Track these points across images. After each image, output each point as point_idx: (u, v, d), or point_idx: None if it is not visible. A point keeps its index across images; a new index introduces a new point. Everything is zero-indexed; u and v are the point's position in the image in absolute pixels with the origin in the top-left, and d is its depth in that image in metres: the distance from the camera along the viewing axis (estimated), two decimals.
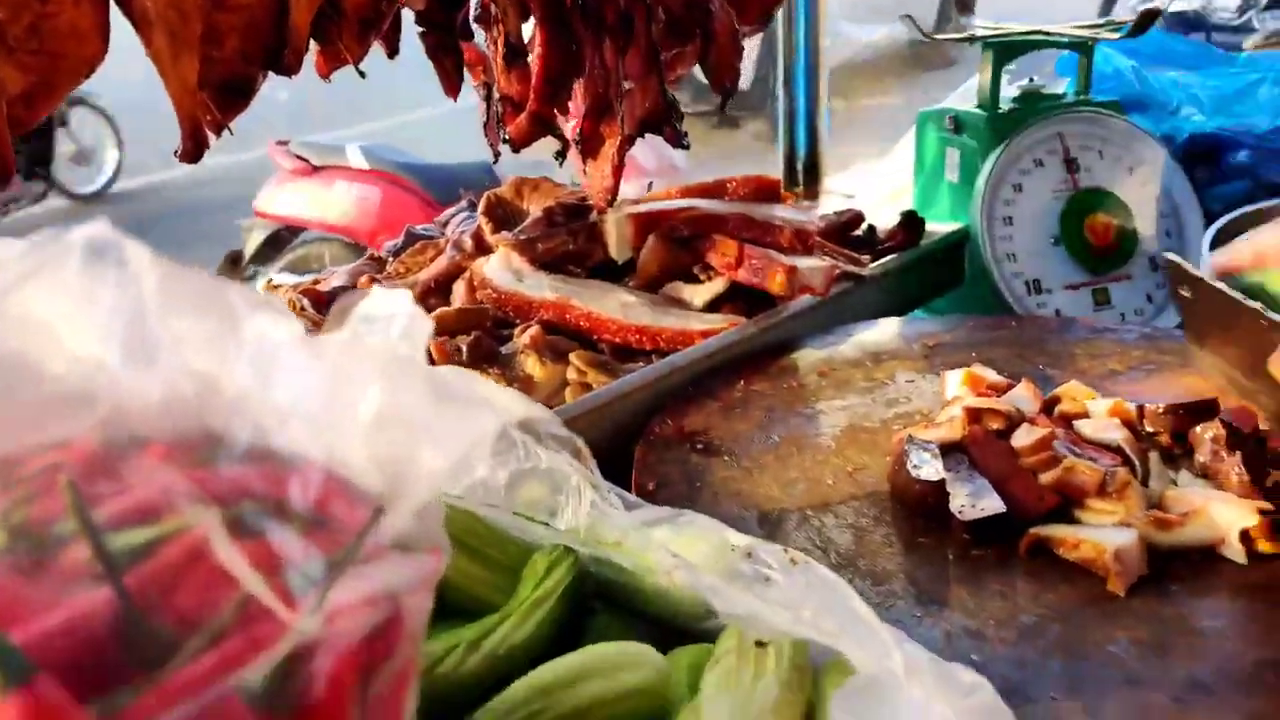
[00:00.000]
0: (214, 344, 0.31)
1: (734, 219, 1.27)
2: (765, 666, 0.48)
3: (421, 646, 0.35)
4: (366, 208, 4.62)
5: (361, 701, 0.30)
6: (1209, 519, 0.70)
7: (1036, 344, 1.12)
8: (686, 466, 0.89)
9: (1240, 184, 1.37)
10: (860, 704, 0.40)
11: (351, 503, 0.30)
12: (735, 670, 0.48)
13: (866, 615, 0.48)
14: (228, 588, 0.29)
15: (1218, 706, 0.57)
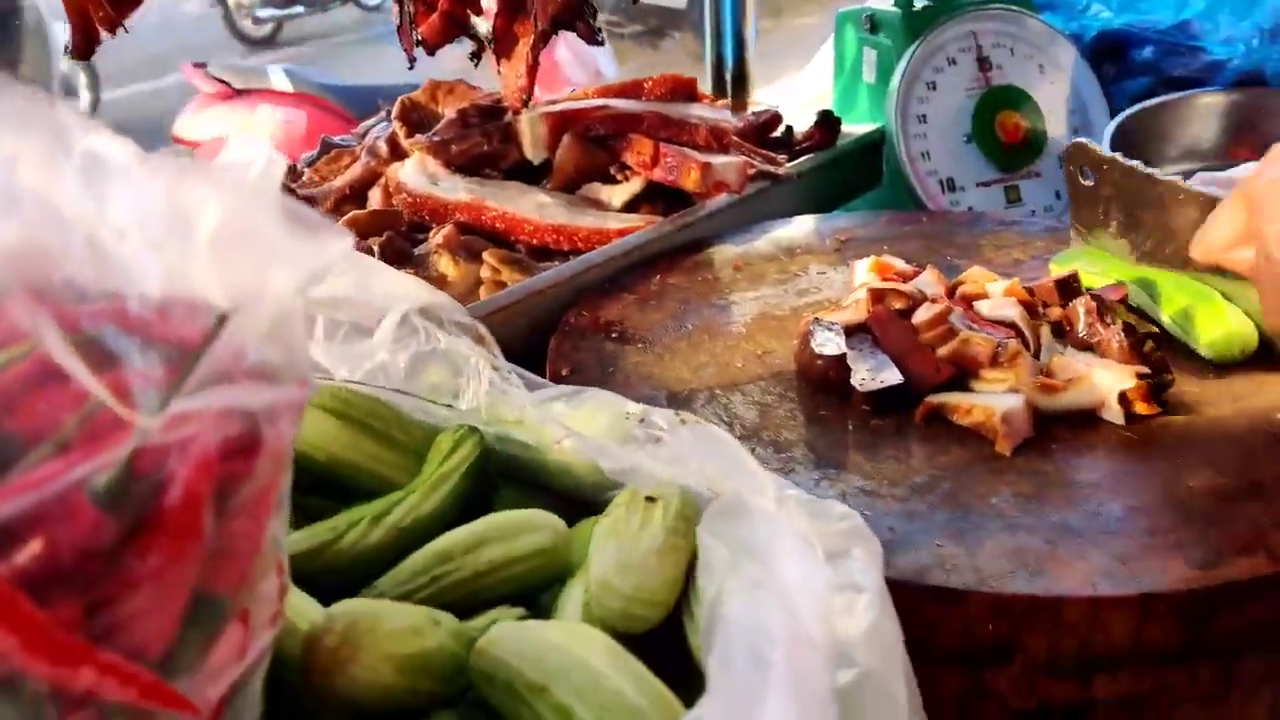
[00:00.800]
0: (45, 163, 0.31)
1: (649, 118, 1.26)
2: (653, 517, 0.49)
3: (288, 475, 0.36)
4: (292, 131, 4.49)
5: (217, 516, 0.31)
6: (1091, 384, 0.74)
7: (945, 237, 1.15)
8: (600, 354, 0.90)
9: (1144, 80, 1.39)
10: (723, 523, 0.42)
11: (194, 315, 0.31)
12: (624, 520, 0.50)
13: (747, 461, 0.50)
14: (74, 401, 0.29)
15: (1085, 546, 0.61)
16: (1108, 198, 0.89)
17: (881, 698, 0.36)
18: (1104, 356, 0.77)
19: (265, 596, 0.35)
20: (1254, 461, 0.68)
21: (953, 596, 0.58)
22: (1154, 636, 0.57)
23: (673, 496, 0.52)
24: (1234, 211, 0.66)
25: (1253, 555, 0.59)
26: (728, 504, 0.43)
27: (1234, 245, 0.67)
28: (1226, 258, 0.68)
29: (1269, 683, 0.61)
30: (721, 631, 0.34)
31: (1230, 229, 0.67)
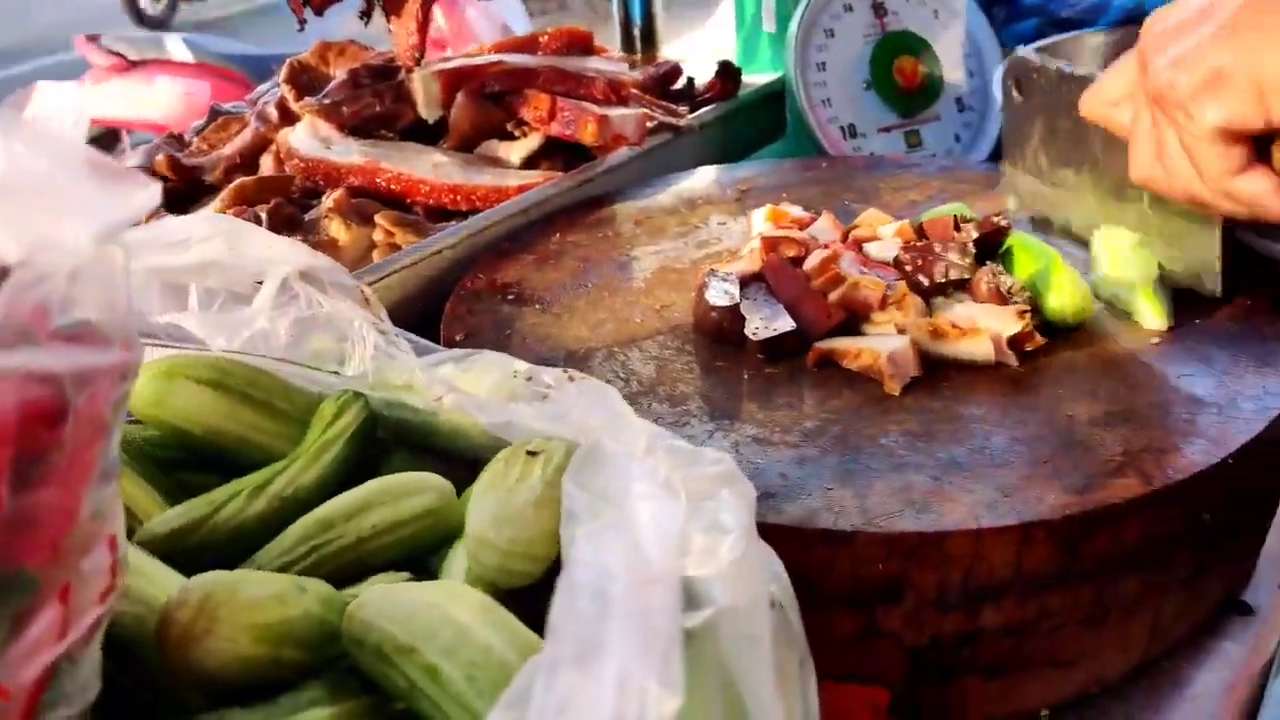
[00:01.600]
0: None
1: (545, 72, 1.24)
2: (532, 470, 0.49)
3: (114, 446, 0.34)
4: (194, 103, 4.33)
5: (18, 487, 0.30)
6: (982, 336, 0.74)
7: (844, 181, 1.15)
8: (496, 316, 0.89)
9: (1033, 21, 1.41)
10: (585, 472, 0.42)
11: None
12: (502, 474, 0.49)
13: (627, 414, 0.50)
14: None
15: (970, 479, 0.62)
16: (1033, 111, 0.90)
17: (740, 634, 0.36)
18: (975, 299, 0.78)
19: (91, 572, 0.33)
20: (1129, 388, 0.70)
21: (841, 538, 0.59)
22: (1033, 563, 0.59)
23: (555, 450, 0.51)
24: (1123, 68, 0.69)
25: (1125, 478, 0.61)
26: (589, 452, 0.43)
27: (1117, 100, 0.70)
28: (1109, 114, 0.71)
29: (1146, 601, 0.64)
30: (566, 573, 0.34)
31: (1117, 85, 0.70)
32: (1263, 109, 0.58)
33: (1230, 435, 0.63)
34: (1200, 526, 0.62)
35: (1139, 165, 0.69)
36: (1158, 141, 0.65)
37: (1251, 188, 0.62)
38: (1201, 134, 0.61)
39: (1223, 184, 0.62)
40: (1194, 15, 0.61)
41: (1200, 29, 0.60)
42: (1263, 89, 0.57)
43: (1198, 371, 0.70)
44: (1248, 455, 0.63)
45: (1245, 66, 0.57)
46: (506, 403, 0.58)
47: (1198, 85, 0.59)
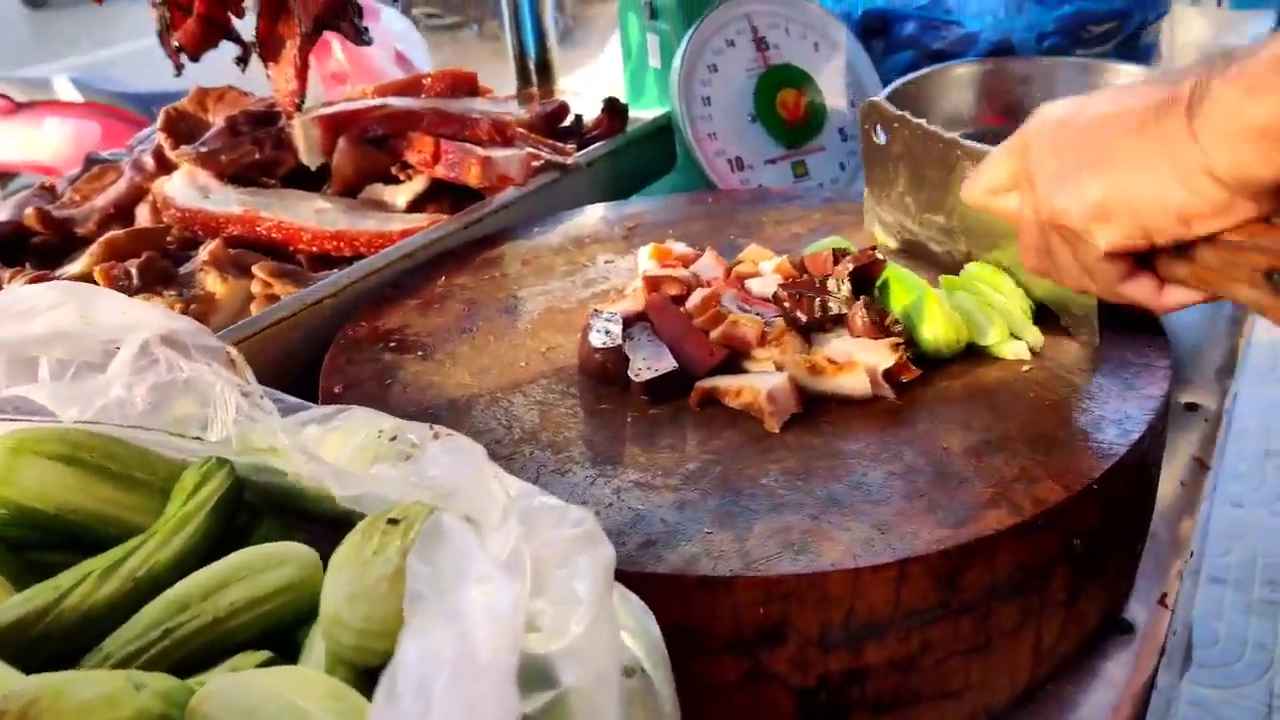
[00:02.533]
0: None
1: (428, 115, 1.23)
2: (390, 541, 0.47)
3: None
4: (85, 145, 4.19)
5: None
6: (859, 371, 0.74)
7: (730, 215, 1.16)
8: (377, 366, 0.87)
9: (908, 53, 1.45)
10: (428, 548, 0.40)
11: None
12: (359, 546, 0.48)
13: (489, 472, 0.49)
14: None
15: (848, 517, 0.62)
16: (897, 156, 0.92)
17: (589, 710, 0.36)
18: (852, 333, 0.79)
19: None
20: (1001, 417, 0.71)
21: (721, 584, 0.58)
22: (912, 599, 0.59)
23: (416, 518, 0.50)
24: (1004, 159, 0.72)
25: (996, 509, 0.62)
26: (431, 529, 0.42)
27: (1000, 190, 0.73)
28: (992, 202, 0.74)
29: (1026, 627, 0.64)
30: (389, 671, 0.33)
31: (998, 174, 0.72)
32: (1145, 235, 0.62)
33: (1095, 461, 0.65)
34: (1073, 551, 0.64)
35: (1030, 259, 0.72)
36: (1047, 245, 0.69)
37: (1139, 292, 0.67)
38: (1093, 255, 0.65)
39: (1112, 289, 0.67)
40: (1074, 140, 0.64)
41: (1081, 159, 0.63)
42: (1143, 220, 0.61)
43: (1064, 398, 0.72)
44: (1112, 479, 0.65)
45: (1126, 202, 0.61)
46: (368, 466, 0.56)
47: (1086, 216, 0.63)
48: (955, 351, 0.78)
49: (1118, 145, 0.60)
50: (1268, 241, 0.58)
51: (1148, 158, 0.59)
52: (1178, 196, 0.58)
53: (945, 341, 0.77)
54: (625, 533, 0.62)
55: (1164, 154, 0.58)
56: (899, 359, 0.74)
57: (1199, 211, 0.58)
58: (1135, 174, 0.59)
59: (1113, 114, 0.62)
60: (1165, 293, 0.66)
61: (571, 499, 0.66)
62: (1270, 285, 0.59)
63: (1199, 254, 0.62)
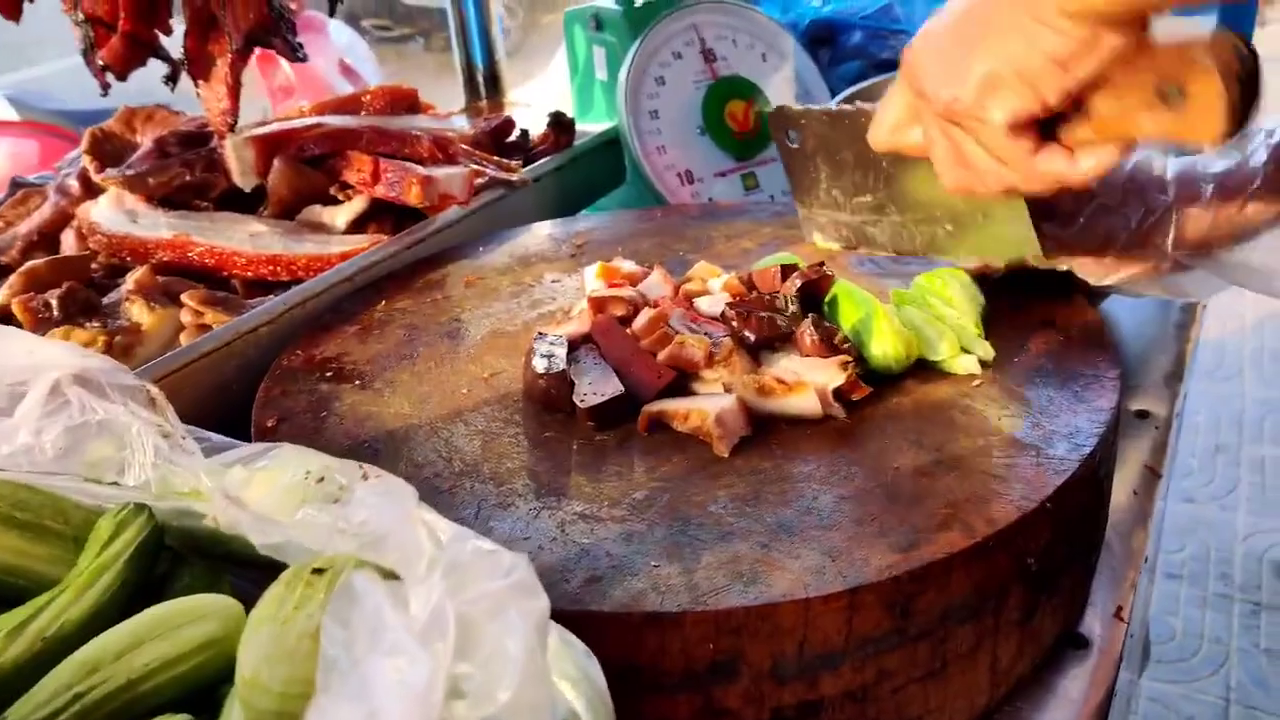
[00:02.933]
0: None
1: (367, 133, 1.20)
2: (314, 594, 0.45)
3: None
4: (22, 164, 4.09)
5: None
6: (808, 391, 0.73)
7: (679, 231, 1.14)
8: (313, 397, 0.84)
9: (856, 63, 1.45)
10: (343, 610, 0.38)
11: None
12: (280, 601, 0.45)
13: (417, 516, 0.46)
14: None
15: (798, 544, 0.60)
16: (813, 152, 0.91)
17: None
18: (800, 352, 0.77)
19: None
20: (952, 434, 0.70)
21: (670, 621, 0.56)
22: (865, 627, 0.58)
23: (343, 565, 0.47)
24: (898, 94, 0.74)
25: (948, 531, 0.60)
26: (344, 589, 0.39)
27: (903, 126, 0.75)
28: (898, 139, 0.76)
29: (982, 648, 0.63)
30: None
31: (896, 110, 0.74)
32: (1035, 94, 0.64)
33: (1047, 478, 0.64)
34: (1028, 570, 0.62)
35: (948, 176, 0.73)
36: (957, 151, 0.70)
37: (1052, 164, 0.68)
38: (995, 132, 0.66)
39: (1026, 168, 0.68)
40: (948, 36, 0.67)
41: (960, 46, 0.65)
42: (1026, 78, 0.63)
43: (1015, 413, 0.71)
44: (1065, 496, 0.63)
45: (1006, 65, 0.63)
46: (296, 509, 0.53)
47: (976, 94, 0.65)
48: (905, 367, 0.77)
49: (983, 16, 0.64)
50: (1148, 63, 0.61)
51: (1012, 18, 0.62)
52: (1046, 41, 0.61)
53: (895, 358, 0.75)
54: (569, 569, 0.60)
55: (1024, 8, 0.61)
56: (848, 377, 0.73)
57: (1070, 51, 0.61)
58: (1004, 35, 0.62)
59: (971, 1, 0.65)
60: (1078, 158, 0.67)
61: (514, 534, 0.64)
62: (1165, 103, 0.61)
63: (1093, 106, 0.64)
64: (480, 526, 0.65)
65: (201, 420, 0.89)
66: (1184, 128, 0.62)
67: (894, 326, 0.76)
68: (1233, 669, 2.17)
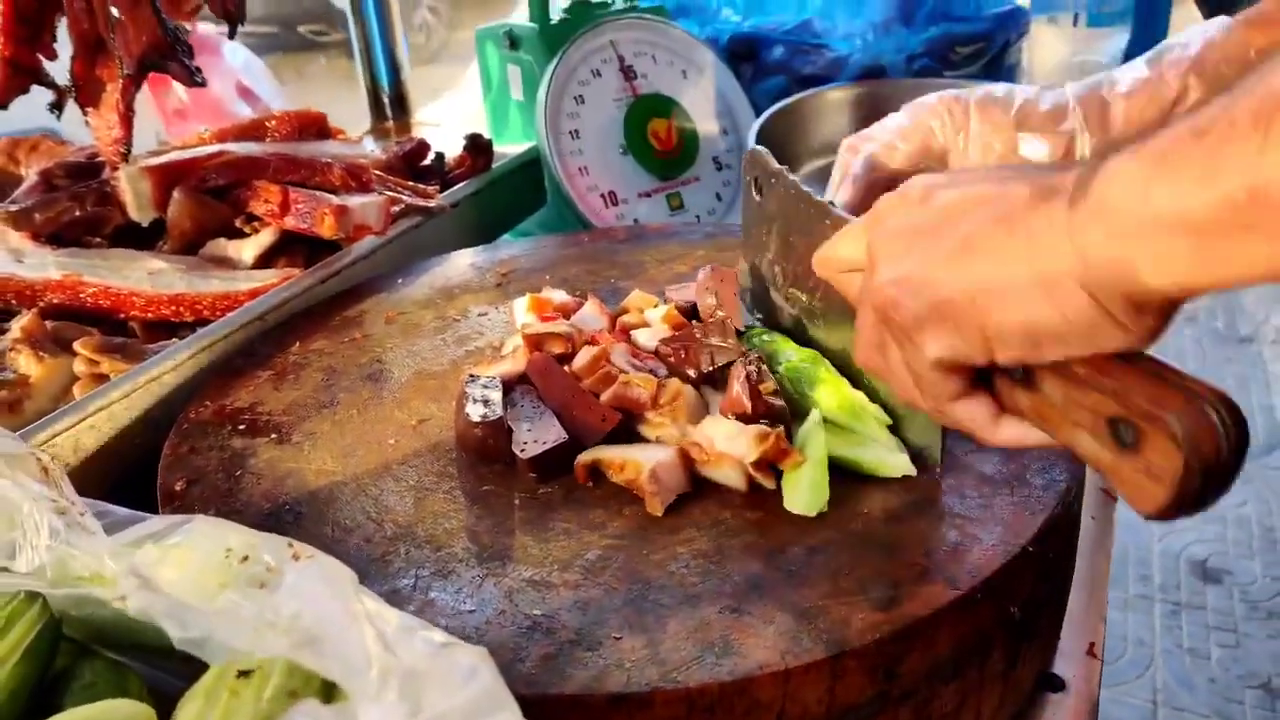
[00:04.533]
0: None
1: (275, 161, 1.13)
2: (242, 700, 0.39)
3: None
4: None
5: None
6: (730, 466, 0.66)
7: (608, 256, 1.10)
8: (225, 454, 0.77)
9: (778, 79, 1.42)
10: None
11: None
12: (202, 712, 0.39)
13: (355, 605, 0.40)
14: None
15: (770, 605, 0.56)
16: (771, 216, 0.81)
17: None
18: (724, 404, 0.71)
19: None
20: (919, 473, 0.66)
21: (637, 701, 0.51)
22: (847, 694, 0.53)
23: (275, 666, 0.41)
24: (857, 237, 0.60)
25: (930, 583, 0.56)
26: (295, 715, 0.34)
27: (848, 268, 0.62)
28: (839, 277, 0.64)
29: (967, 705, 0.59)
30: None
31: (851, 249, 0.61)
32: (985, 349, 0.50)
33: (1026, 518, 0.61)
34: (1010, 619, 0.59)
35: (862, 354, 0.60)
36: (882, 343, 0.57)
37: (968, 414, 0.55)
38: (923, 361, 0.53)
39: (940, 406, 0.55)
40: (932, 218, 0.52)
41: (934, 244, 0.51)
42: (986, 330, 0.49)
43: (983, 448, 0.68)
44: (1046, 537, 0.60)
45: (972, 305, 0.49)
46: (216, 594, 0.47)
47: (921, 315, 0.52)
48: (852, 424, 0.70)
49: (975, 235, 0.49)
50: (1113, 382, 0.47)
51: (1007, 255, 0.47)
52: (1032, 306, 0.46)
53: (842, 409, 0.69)
54: (522, 646, 0.55)
55: (1028, 250, 0.46)
56: (764, 451, 0.65)
57: (1054, 330, 0.47)
58: (989, 271, 0.48)
59: (984, 194, 0.50)
60: (1000, 424, 0.55)
61: (458, 606, 0.58)
62: (1114, 439, 0.47)
63: (1043, 384, 0.51)
64: (420, 599, 0.59)
65: (100, 483, 0.81)
66: (1120, 478, 0.48)
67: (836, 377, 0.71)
68: (1158, 670, 2.21)
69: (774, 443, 0.65)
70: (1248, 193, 0.37)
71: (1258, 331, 3.48)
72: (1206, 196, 0.38)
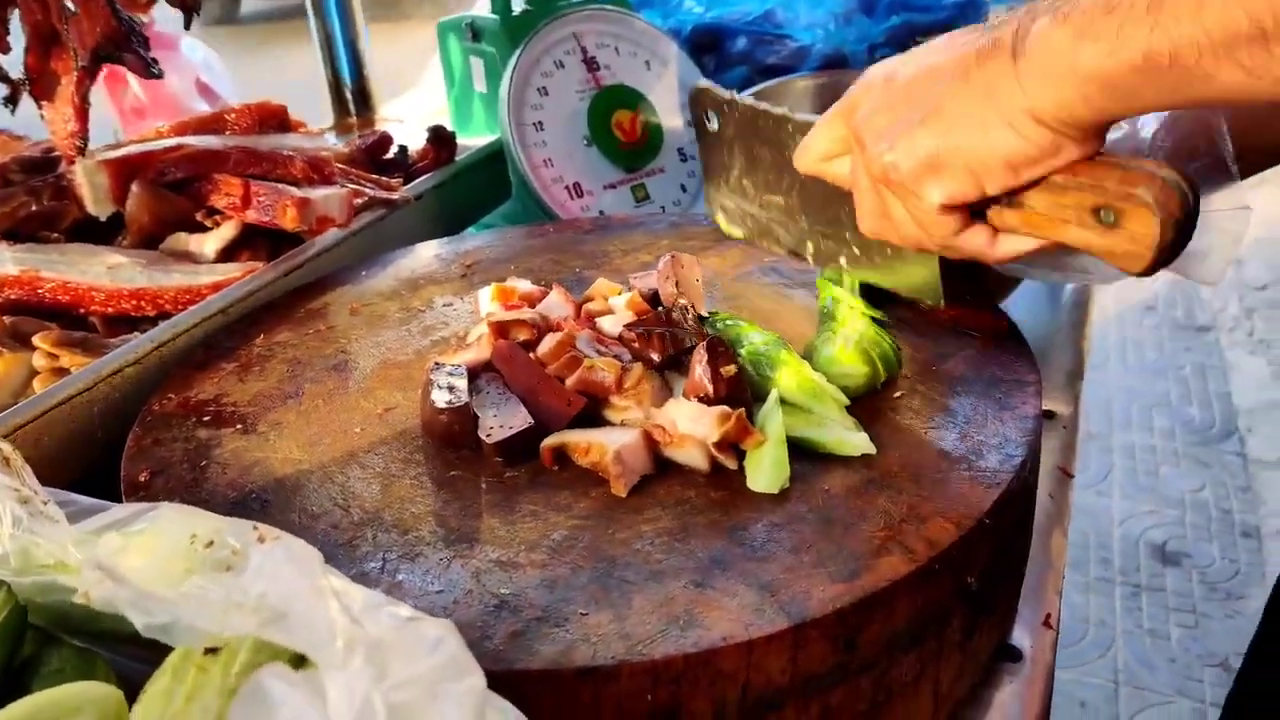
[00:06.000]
0: None
1: (236, 154, 1.12)
2: (210, 676, 0.39)
3: None
4: None
5: None
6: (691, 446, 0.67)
7: (573, 247, 1.10)
8: (190, 445, 0.77)
9: (742, 69, 1.43)
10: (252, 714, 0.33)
11: None
12: (169, 689, 0.39)
13: (325, 583, 0.41)
14: None
15: (733, 579, 0.57)
16: (730, 139, 0.88)
17: None
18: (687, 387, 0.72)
19: None
20: (880, 449, 0.67)
21: (604, 674, 0.52)
22: (809, 663, 0.55)
23: (241, 644, 0.41)
24: (832, 124, 0.70)
25: (889, 555, 0.58)
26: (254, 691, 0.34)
27: (832, 156, 0.71)
28: (824, 168, 0.72)
29: (925, 675, 0.61)
30: None
31: (828, 140, 0.71)
32: (976, 185, 0.61)
33: (982, 493, 0.62)
34: (968, 590, 0.60)
35: (866, 222, 0.70)
36: (882, 204, 0.67)
37: (973, 242, 0.66)
38: (926, 209, 0.63)
39: (948, 241, 0.66)
40: (901, 93, 0.63)
41: (910, 113, 0.61)
42: (973, 169, 0.60)
43: (942, 423, 0.69)
44: (1002, 510, 0.62)
45: (956, 152, 0.60)
46: (182, 579, 0.47)
47: (917, 170, 0.62)
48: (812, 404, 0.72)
49: (943, 94, 0.60)
50: (1091, 179, 0.59)
51: (973, 105, 0.58)
52: (1004, 141, 0.58)
53: (801, 390, 0.71)
54: (490, 624, 0.55)
55: (988, 99, 0.57)
56: (726, 431, 0.66)
57: (1026, 155, 0.58)
58: (962, 122, 0.59)
59: (937, 64, 0.61)
60: (998, 242, 0.65)
61: (425, 588, 0.59)
62: (1098, 222, 0.59)
63: (1028, 199, 0.62)
64: (387, 582, 0.60)
65: (63, 477, 0.81)
66: (1109, 251, 0.60)
67: (799, 364, 0.72)
68: (1119, 651, 2.25)
69: (735, 423, 0.66)
70: (1143, 57, 0.50)
71: (1215, 320, 3.54)
72: (1116, 60, 0.51)
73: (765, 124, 0.84)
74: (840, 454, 0.67)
